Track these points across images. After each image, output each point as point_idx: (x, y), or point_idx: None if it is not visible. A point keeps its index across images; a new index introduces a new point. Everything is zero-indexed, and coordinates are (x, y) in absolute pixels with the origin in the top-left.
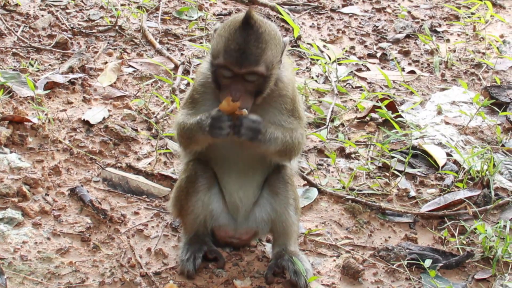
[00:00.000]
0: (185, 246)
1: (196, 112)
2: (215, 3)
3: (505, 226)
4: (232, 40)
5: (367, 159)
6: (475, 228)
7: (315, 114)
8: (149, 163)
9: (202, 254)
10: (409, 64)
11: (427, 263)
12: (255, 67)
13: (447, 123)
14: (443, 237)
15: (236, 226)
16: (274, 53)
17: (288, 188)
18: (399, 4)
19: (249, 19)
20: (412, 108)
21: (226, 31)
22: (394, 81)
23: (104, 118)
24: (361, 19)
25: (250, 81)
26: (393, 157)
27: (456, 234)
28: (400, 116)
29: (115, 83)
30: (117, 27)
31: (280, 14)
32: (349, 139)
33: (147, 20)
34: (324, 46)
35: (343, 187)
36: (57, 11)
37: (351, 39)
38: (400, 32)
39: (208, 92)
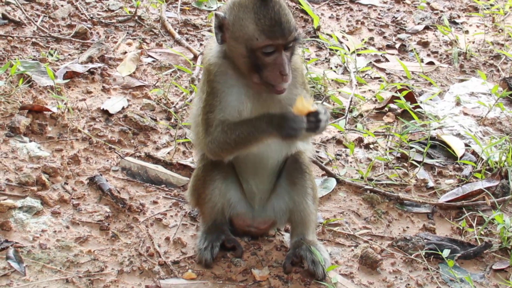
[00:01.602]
0: (203, 235)
1: (224, 106)
2: None
3: None
4: (263, 17)
5: (386, 149)
6: (493, 219)
7: (334, 104)
8: (168, 153)
9: (220, 243)
10: (428, 55)
11: (445, 253)
12: (295, 32)
13: (465, 114)
14: (461, 228)
15: (254, 215)
16: (293, 17)
17: (305, 177)
18: None
19: None
20: (431, 99)
21: (247, 13)
22: (413, 72)
23: (123, 108)
24: (380, 10)
25: (288, 49)
26: (411, 148)
27: (474, 225)
28: (418, 107)
29: (134, 73)
30: (136, 17)
31: (300, 4)
32: (367, 129)
33: (167, 11)
34: (343, 37)
35: (362, 177)
36: (77, 1)
37: (370, 30)
38: (419, 24)
39: (227, 79)
